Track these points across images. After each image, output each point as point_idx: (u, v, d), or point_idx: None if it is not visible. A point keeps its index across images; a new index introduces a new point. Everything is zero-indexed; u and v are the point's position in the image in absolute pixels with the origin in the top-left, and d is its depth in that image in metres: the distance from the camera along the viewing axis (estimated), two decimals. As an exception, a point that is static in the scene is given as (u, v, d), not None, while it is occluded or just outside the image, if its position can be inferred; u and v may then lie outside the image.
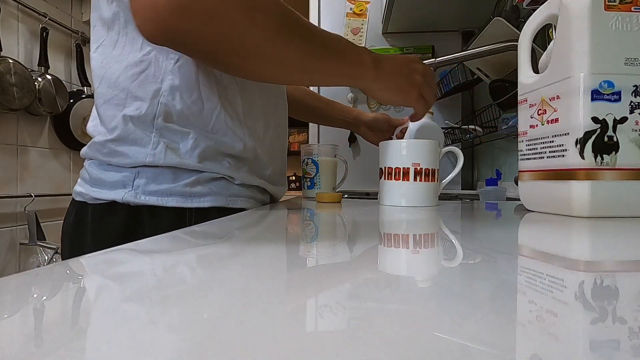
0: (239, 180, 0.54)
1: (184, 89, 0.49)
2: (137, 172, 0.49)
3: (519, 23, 0.91)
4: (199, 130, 0.50)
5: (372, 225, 0.41)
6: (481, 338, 0.11)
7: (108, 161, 0.50)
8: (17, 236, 1.70)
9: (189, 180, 0.50)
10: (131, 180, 0.49)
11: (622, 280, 0.18)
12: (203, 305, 0.14)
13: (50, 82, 1.75)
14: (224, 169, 0.52)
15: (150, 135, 0.49)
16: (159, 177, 0.49)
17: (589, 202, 0.41)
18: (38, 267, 0.20)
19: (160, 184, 0.49)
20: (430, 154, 0.58)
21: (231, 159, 0.54)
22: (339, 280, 0.18)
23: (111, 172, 0.50)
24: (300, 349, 0.11)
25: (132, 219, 0.49)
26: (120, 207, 0.49)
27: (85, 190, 0.51)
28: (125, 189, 0.49)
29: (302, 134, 3.63)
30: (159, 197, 0.48)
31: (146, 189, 0.49)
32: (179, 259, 0.23)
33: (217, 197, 0.51)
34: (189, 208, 0.49)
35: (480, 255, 0.24)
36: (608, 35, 0.41)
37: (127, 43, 0.50)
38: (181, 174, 0.50)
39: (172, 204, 0.49)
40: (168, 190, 0.49)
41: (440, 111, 1.54)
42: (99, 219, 0.50)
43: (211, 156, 0.51)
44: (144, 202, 0.48)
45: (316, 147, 0.78)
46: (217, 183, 0.52)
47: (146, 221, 0.49)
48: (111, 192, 0.49)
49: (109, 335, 0.12)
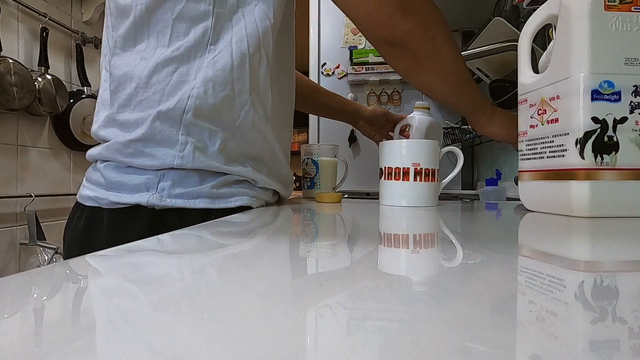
0: (260, 183, 0.54)
1: (217, 82, 0.48)
2: (162, 174, 0.47)
3: (519, 23, 0.91)
4: (226, 128, 0.50)
5: (372, 225, 0.41)
6: (481, 338, 0.11)
7: (130, 162, 0.47)
8: (17, 236, 1.70)
9: (216, 182, 0.49)
10: (155, 183, 0.47)
11: (622, 280, 0.18)
12: (203, 306, 0.14)
13: (50, 82, 1.75)
14: (248, 172, 0.52)
15: (177, 135, 0.47)
16: (186, 179, 0.48)
17: (589, 202, 0.41)
18: (38, 267, 0.20)
19: (187, 187, 0.48)
20: (430, 154, 0.57)
21: (252, 160, 0.54)
22: (338, 280, 0.18)
23: (132, 175, 0.48)
24: (300, 349, 0.11)
25: (156, 223, 0.47)
26: (143, 211, 0.47)
27: (100, 195, 0.48)
28: (149, 192, 0.47)
29: (302, 134, 3.63)
30: (186, 200, 0.47)
31: (172, 192, 0.47)
32: (178, 259, 0.23)
33: (242, 197, 0.51)
34: (215, 209, 0.49)
35: (480, 255, 0.24)
36: (608, 35, 0.41)
37: (151, 37, 0.48)
38: (207, 176, 0.49)
39: (200, 206, 0.48)
40: (195, 193, 0.48)
41: (440, 111, 1.54)
42: (118, 224, 0.48)
43: (236, 158, 0.51)
44: (170, 205, 0.47)
45: (316, 147, 0.78)
46: (241, 184, 0.52)
47: (172, 224, 0.47)
48: (133, 196, 0.47)
49: (109, 335, 0.12)
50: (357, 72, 1.52)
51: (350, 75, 1.52)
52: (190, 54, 0.48)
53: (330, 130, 1.55)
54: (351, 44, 1.58)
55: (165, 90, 0.47)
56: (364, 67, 1.52)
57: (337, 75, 1.59)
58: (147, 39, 0.48)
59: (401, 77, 0.63)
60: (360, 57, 1.53)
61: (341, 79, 1.59)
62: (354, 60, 1.53)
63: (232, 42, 0.49)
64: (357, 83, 1.56)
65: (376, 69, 1.51)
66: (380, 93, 1.57)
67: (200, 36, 0.48)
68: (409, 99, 1.57)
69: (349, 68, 1.53)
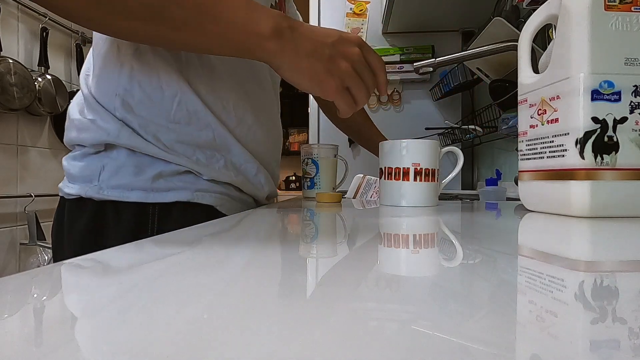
0: (207, 175, 0.51)
1: (143, 77, 0.48)
2: (102, 166, 0.48)
3: (519, 23, 0.91)
4: (160, 121, 0.49)
5: (372, 225, 0.41)
6: (481, 338, 0.11)
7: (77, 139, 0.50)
8: (17, 236, 1.70)
9: (152, 174, 0.48)
10: (97, 174, 0.48)
11: (622, 280, 0.18)
12: (203, 306, 0.14)
13: (50, 82, 1.75)
14: (191, 163, 0.50)
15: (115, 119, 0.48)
16: (122, 170, 0.48)
17: (589, 202, 0.41)
18: (38, 267, 0.20)
19: (123, 178, 0.48)
20: (430, 154, 0.57)
21: (202, 151, 0.51)
22: (338, 280, 0.18)
23: (80, 166, 0.49)
24: (300, 349, 0.11)
25: (97, 214, 0.48)
26: (88, 202, 0.49)
27: (62, 186, 0.52)
28: (92, 183, 0.48)
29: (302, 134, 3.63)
30: (121, 192, 0.48)
31: (109, 183, 0.48)
32: (178, 259, 0.23)
33: (181, 191, 0.49)
34: (151, 203, 0.48)
35: (480, 255, 0.24)
36: (608, 35, 0.41)
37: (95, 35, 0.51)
38: (144, 167, 0.48)
39: (133, 199, 0.47)
40: (130, 185, 0.48)
41: (440, 111, 1.54)
42: (72, 214, 0.50)
43: (175, 148, 0.50)
44: (106, 197, 0.47)
45: (316, 147, 0.78)
46: (182, 177, 0.50)
47: (110, 216, 0.48)
48: (79, 187, 0.49)
49: (109, 335, 0.12)
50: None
51: (350, 75, 1.52)
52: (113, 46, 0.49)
53: (330, 130, 1.55)
54: (351, 44, 1.58)
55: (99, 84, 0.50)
56: (364, 67, 1.52)
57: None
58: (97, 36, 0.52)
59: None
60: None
61: (341, 79, 1.58)
62: (354, 60, 1.53)
63: None
64: (357, 83, 1.56)
65: (376, 69, 1.51)
66: (380, 93, 1.57)
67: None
68: (409, 99, 1.57)
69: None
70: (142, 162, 0.48)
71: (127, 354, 0.10)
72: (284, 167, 3.79)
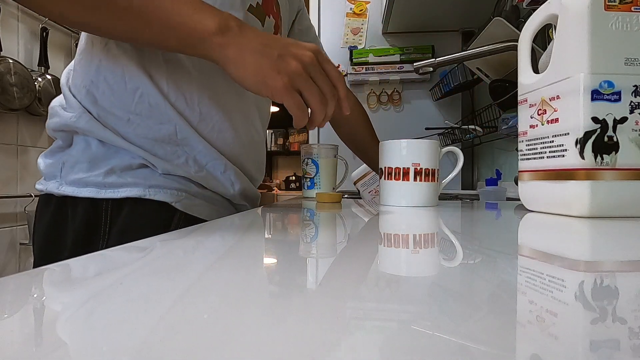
0: (162, 170, 0.50)
1: (108, 70, 0.49)
2: (62, 162, 0.50)
3: (519, 23, 0.91)
4: (121, 113, 0.49)
5: (372, 225, 0.41)
6: (481, 338, 0.11)
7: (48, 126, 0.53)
8: (17, 236, 1.70)
9: (104, 169, 0.48)
10: (59, 170, 0.50)
11: (622, 280, 0.18)
12: (203, 306, 0.14)
13: (50, 82, 1.75)
14: (148, 155, 0.49)
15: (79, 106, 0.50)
16: (77, 166, 0.49)
17: (589, 202, 0.41)
18: (38, 267, 0.20)
19: (77, 174, 0.49)
20: (430, 154, 0.57)
21: (161, 146, 0.50)
22: (338, 280, 0.18)
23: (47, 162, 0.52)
24: (300, 349, 0.11)
25: (59, 210, 0.50)
26: (52, 198, 0.51)
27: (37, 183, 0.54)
28: (54, 179, 0.50)
29: (302, 134, 3.63)
30: (76, 188, 0.49)
31: (67, 179, 0.49)
32: (178, 258, 0.23)
33: (133, 188, 0.49)
34: (104, 199, 0.48)
35: (480, 255, 0.24)
36: (608, 35, 0.41)
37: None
38: (97, 162, 0.49)
39: (85, 195, 0.48)
40: (84, 180, 0.48)
41: (440, 111, 1.54)
42: (39, 210, 0.53)
43: (134, 140, 0.50)
44: (63, 192, 0.49)
45: (316, 147, 0.78)
46: (135, 172, 0.49)
47: (69, 212, 0.50)
48: (45, 183, 0.51)
49: (109, 336, 0.12)
50: (357, 72, 1.52)
51: (350, 75, 1.52)
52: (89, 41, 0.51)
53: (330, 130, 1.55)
54: (351, 44, 1.58)
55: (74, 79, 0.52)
56: (363, 67, 1.52)
57: (337, 75, 1.58)
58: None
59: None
60: (360, 57, 1.53)
61: (341, 79, 1.58)
62: (354, 60, 1.53)
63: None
64: (357, 83, 1.56)
65: (376, 69, 1.51)
66: (380, 93, 1.57)
67: None
68: (409, 99, 1.57)
69: (349, 68, 1.53)
70: (97, 157, 0.49)
71: (127, 354, 0.10)
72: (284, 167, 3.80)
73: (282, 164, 3.81)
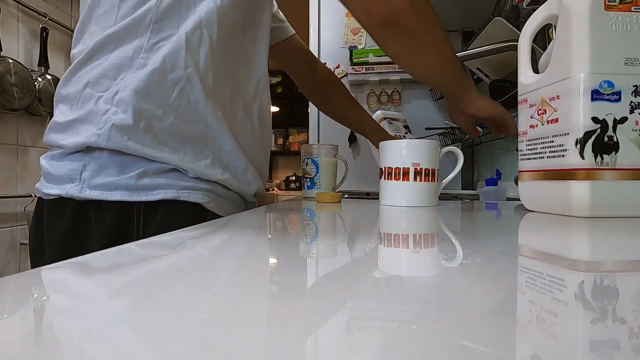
0: (193, 173, 0.50)
1: (151, 61, 0.47)
2: (83, 165, 0.47)
3: (519, 23, 0.91)
4: (156, 104, 0.47)
5: (372, 225, 0.41)
6: (481, 338, 0.11)
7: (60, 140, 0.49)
8: (17, 236, 1.70)
9: (136, 172, 0.47)
10: (78, 174, 0.47)
11: (622, 280, 0.18)
12: (203, 306, 0.14)
13: (50, 82, 1.75)
14: (174, 159, 0.49)
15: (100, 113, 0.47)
16: (105, 169, 0.47)
17: (589, 202, 0.41)
18: (38, 268, 0.20)
19: (106, 177, 0.47)
20: (430, 154, 0.57)
21: (190, 146, 0.50)
22: (338, 280, 0.18)
23: (60, 166, 0.49)
24: (300, 349, 0.11)
25: (79, 215, 0.47)
26: (69, 203, 0.48)
27: (40, 186, 0.51)
28: (73, 183, 0.47)
29: (302, 134, 3.63)
30: (104, 191, 0.46)
31: (91, 183, 0.47)
32: (176, 259, 0.23)
33: (167, 190, 0.48)
34: (136, 202, 0.47)
35: (480, 255, 0.24)
36: (608, 35, 0.41)
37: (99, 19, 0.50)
38: (127, 165, 0.47)
39: (116, 198, 0.46)
40: (113, 184, 0.47)
41: (440, 111, 1.54)
42: (51, 215, 0.49)
43: (165, 141, 0.49)
44: (89, 196, 0.46)
45: (316, 147, 0.78)
46: (167, 175, 0.49)
47: (93, 216, 0.47)
48: (59, 187, 0.48)
49: (109, 336, 0.12)
50: (357, 72, 1.52)
51: (350, 75, 1.52)
52: (130, 32, 0.48)
53: (330, 130, 1.55)
54: (351, 44, 1.58)
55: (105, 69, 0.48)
56: (364, 67, 1.52)
57: (337, 75, 1.59)
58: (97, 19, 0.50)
59: (395, 62, 0.61)
60: (360, 57, 1.53)
61: (341, 79, 1.58)
62: (354, 60, 1.53)
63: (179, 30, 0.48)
64: (357, 83, 1.56)
65: (376, 69, 1.51)
66: (380, 93, 1.57)
67: (143, 14, 0.47)
68: (409, 99, 1.57)
69: (349, 68, 1.53)
70: (126, 160, 0.47)
71: (127, 354, 0.10)
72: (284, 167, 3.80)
73: (282, 164, 3.81)
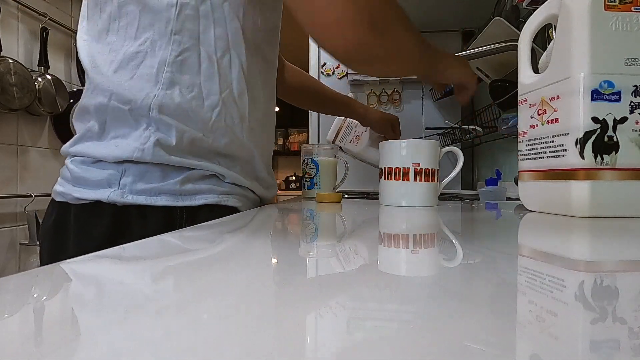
0: (229, 178, 0.52)
1: (184, 84, 0.47)
2: (123, 170, 0.47)
3: (519, 23, 0.91)
4: (197, 128, 0.48)
5: (372, 225, 0.41)
6: (481, 338, 0.11)
7: (95, 155, 0.48)
8: (17, 236, 1.70)
9: (179, 178, 0.48)
10: (117, 178, 0.47)
11: (622, 280, 0.18)
12: (203, 306, 0.14)
13: (50, 82, 1.74)
14: (215, 167, 0.50)
15: (141, 128, 0.47)
16: (147, 175, 0.47)
17: (588, 202, 0.41)
18: (38, 267, 0.20)
19: (149, 183, 0.47)
20: (430, 154, 0.57)
21: (223, 158, 0.52)
22: (338, 280, 0.18)
23: (95, 170, 0.47)
24: (300, 349, 0.11)
25: (119, 220, 0.47)
26: (107, 208, 0.46)
27: (66, 190, 0.49)
28: (111, 188, 0.46)
29: (302, 134, 3.63)
30: (147, 196, 0.46)
31: (133, 188, 0.46)
32: (177, 262, 0.23)
33: (208, 195, 0.50)
34: (179, 207, 0.47)
35: (480, 255, 0.24)
36: (608, 35, 0.41)
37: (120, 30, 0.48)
38: (170, 171, 0.48)
39: (161, 203, 0.47)
40: (157, 189, 0.47)
41: (440, 111, 1.54)
42: (83, 220, 0.48)
43: (202, 154, 0.50)
44: (131, 201, 0.46)
45: (316, 147, 0.78)
46: (207, 181, 0.50)
47: (134, 222, 0.47)
48: (96, 192, 0.46)
49: (109, 336, 0.12)
50: (357, 72, 1.52)
51: (350, 75, 1.52)
52: (154, 46, 0.47)
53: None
54: (351, 44, 1.58)
55: (131, 83, 0.47)
56: (364, 67, 1.52)
57: (337, 75, 1.59)
58: (117, 32, 0.49)
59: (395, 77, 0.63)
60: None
61: (341, 79, 1.58)
62: (354, 60, 1.53)
63: (199, 42, 0.48)
64: (357, 83, 1.56)
65: (376, 69, 1.51)
66: (380, 93, 1.57)
67: (164, 26, 0.47)
68: (409, 99, 1.56)
69: (348, 68, 1.53)
70: (167, 167, 0.48)
71: (127, 354, 0.10)
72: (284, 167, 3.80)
73: (282, 164, 3.81)
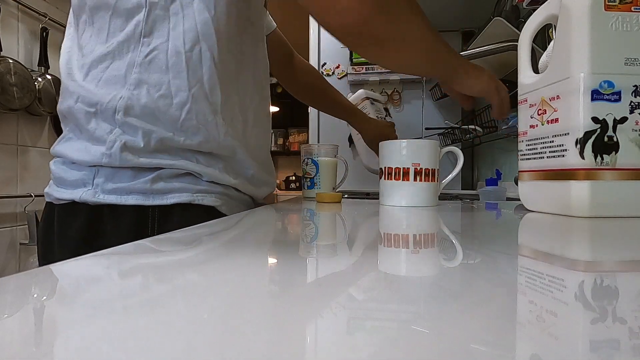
0: (207, 177, 0.50)
1: (151, 83, 0.46)
2: (96, 170, 0.47)
3: (519, 23, 0.91)
4: (166, 128, 0.47)
5: (372, 225, 0.41)
6: (481, 338, 0.11)
7: (72, 156, 0.48)
8: (17, 236, 1.70)
9: (149, 177, 0.47)
10: (91, 178, 0.47)
11: (622, 280, 0.18)
12: (202, 306, 0.14)
13: (50, 82, 1.74)
14: (190, 165, 0.49)
15: (108, 133, 0.46)
16: (118, 174, 0.47)
17: (588, 202, 0.41)
18: (38, 267, 0.20)
19: (119, 182, 0.47)
20: (430, 154, 0.57)
21: (201, 155, 0.50)
22: (338, 280, 0.18)
23: (73, 171, 0.48)
24: (300, 349, 0.11)
25: (93, 220, 0.47)
26: (82, 208, 0.47)
27: (50, 191, 0.50)
28: (85, 187, 0.47)
29: (302, 134, 3.63)
30: (118, 196, 0.46)
31: (105, 188, 0.47)
32: (176, 261, 0.23)
33: (182, 193, 0.48)
34: (151, 206, 0.47)
35: (480, 255, 0.24)
36: (608, 35, 0.41)
37: (93, 34, 0.48)
38: (141, 171, 0.47)
39: (132, 202, 0.46)
40: (127, 188, 0.47)
41: (440, 111, 1.54)
42: (62, 220, 0.49)
43: (175, 153, 0.49)
44: (102, 201, 0.46)
45: (316, 147, 0.78)
46: (181, 179, 0.49)
47: (107, 221, 0.47)
48: (72, 192, 0.47)
49: (109, 336, 0.12)
50: (357, 72, 1.52)
51: (350, 75, 1.52)
52: (122, 49, 0.47)
53: (330, 130, 1.55)
54: (351, 44, 1.58)
55: (98, 86, 0.47)
56: (363, 67, 1.52)
57: (337, 75, 1.59)
58: (89, 38, 0.49)
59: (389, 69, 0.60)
60: (360, 57, 1.53)
61: (341, 79, 1.58)
62: (354, 60, 1.53)
63: (169, 39, 0.47)
64: (357, 83, 1.56)
65: (376, 69, 1.51)
66: (380, 93, 1.57)
67: (132, 29, 0.46)
68: (409, 99, 1.56)
69: (348, 68, 1.53)
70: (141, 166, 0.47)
71: (127, 354, 0.10)
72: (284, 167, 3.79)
73: (282, 164, 3.81)
